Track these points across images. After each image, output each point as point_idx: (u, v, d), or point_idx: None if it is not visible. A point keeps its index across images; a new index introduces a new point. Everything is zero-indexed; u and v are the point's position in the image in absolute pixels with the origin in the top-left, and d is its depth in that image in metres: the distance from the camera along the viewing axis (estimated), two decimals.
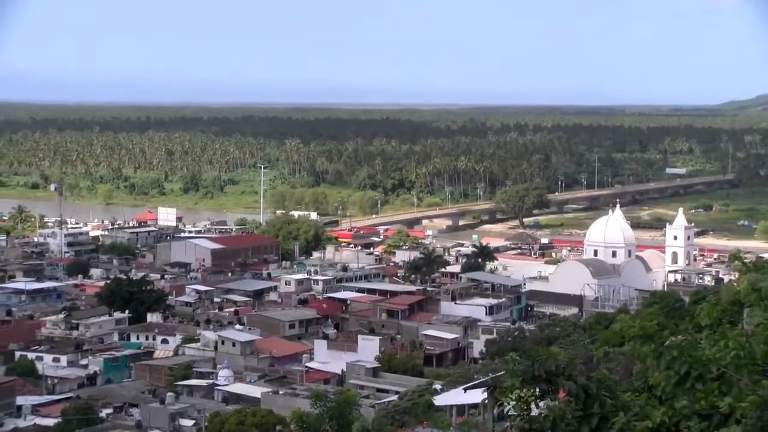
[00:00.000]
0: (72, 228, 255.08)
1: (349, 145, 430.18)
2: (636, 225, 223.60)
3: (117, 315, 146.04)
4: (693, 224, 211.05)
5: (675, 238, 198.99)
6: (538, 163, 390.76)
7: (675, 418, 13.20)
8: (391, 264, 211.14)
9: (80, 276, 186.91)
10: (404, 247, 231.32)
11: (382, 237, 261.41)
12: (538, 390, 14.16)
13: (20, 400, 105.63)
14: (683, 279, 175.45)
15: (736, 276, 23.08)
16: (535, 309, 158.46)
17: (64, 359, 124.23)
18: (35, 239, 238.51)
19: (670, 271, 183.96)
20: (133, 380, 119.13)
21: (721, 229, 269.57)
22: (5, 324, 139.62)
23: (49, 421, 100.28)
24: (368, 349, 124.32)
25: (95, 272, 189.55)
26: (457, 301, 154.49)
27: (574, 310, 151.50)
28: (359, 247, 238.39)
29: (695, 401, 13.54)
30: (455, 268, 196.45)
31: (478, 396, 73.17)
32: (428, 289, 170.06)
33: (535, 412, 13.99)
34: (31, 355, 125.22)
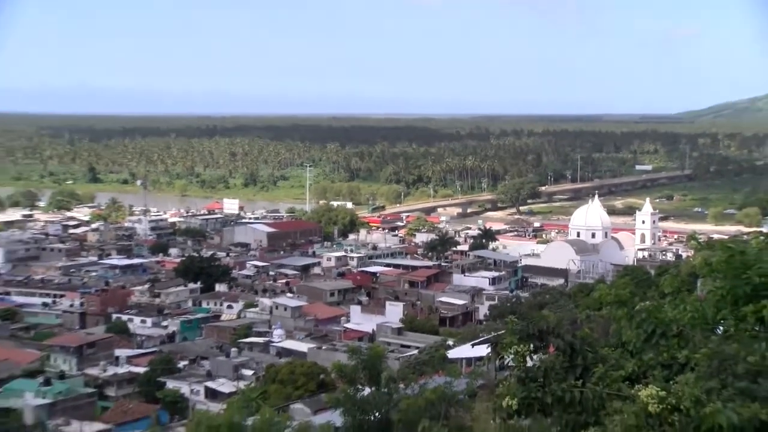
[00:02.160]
0: (154, 215, 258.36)
1: (377, 147, 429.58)
2: (611, 212, 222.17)
3: (191, 285, 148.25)
4: (657, 211, 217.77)
5: (643, 222, 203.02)
6: (531, 162, 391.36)
7: (643, 368, 13.34)
8: (412, 244, 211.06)
9: (161, 254, 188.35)
10: (423, 230, 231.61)
11: (404, 222, 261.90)
12: (532, 346, 14.23)
13: (117, 352, 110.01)
14: (649, 256, 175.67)
15: (692, 253, 23.27)
16: (528, 280, 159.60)
17: (149, 321, 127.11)
18: (125, 225, 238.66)
19: (639, 249, 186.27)
20: (204, 338, 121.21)
21: (680, 215, 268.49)
22: (104, 292, 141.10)
23: (140, 369, 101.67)
24: (394, 312, 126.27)
25: (173, 251, 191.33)
26: (466, 274, 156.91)
27: (561, 281, 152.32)
28: (386, 231, 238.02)
29: (659, 354, 13.67)
30: (464, 247, 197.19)
31: (483, 350, 73.18)
32: (442, 264, 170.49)
33: (529, 363, 14.07)
34: (123, 318, 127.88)
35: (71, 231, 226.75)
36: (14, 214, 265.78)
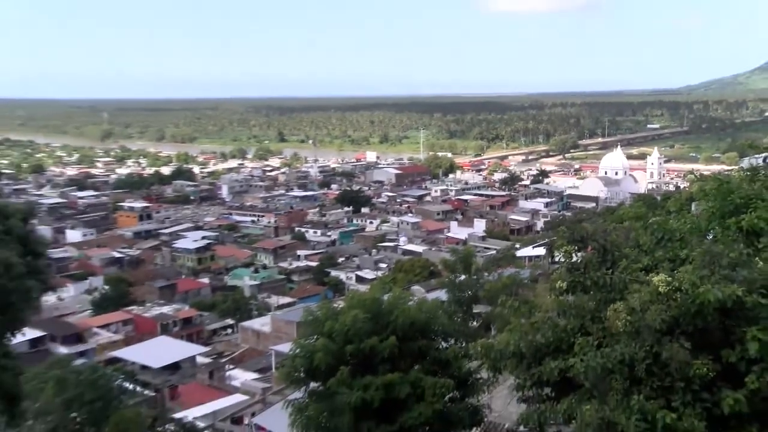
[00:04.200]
0: (321, 163, 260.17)
1: (467, 116, 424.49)
2: (629, 157, 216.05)
3: (345, 209, 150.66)
4: (662, 156, 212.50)
5: (652, 164, 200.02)
6: (572, 124, 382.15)
7: (654, 262, 13.09)
8: (492, 180, 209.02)
9: (326, 188, 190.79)
10: (498, 171, 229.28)
11: (486, 165, 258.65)
12: (576, 246, 14.00)
13: (299, 252, 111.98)
14: (656, 187, 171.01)
15: (689, 184, 22.54)
16: (570, 204, 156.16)
17: (319, 232, 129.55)
18: (302, 169, 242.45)
19: (648, 183, 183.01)
20: (354, 243, 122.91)
21: (679, 158, 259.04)
22: (289, 213, 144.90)
23: (313, 263, 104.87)
24: (479, 225, 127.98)
25: (334, 186, 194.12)
26: (528, 200, 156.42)
27: (593, 205, 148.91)
28: (474, 171, 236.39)
29: (666, 252, 13.38)
30: (526, 182, 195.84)
31: (540, 251, 72.33)
32: (512, 194, 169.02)
33: (574, 258, 13.86)
34: (302, 230, 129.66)
35: (268, 174, 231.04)
36: (232, 163, 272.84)
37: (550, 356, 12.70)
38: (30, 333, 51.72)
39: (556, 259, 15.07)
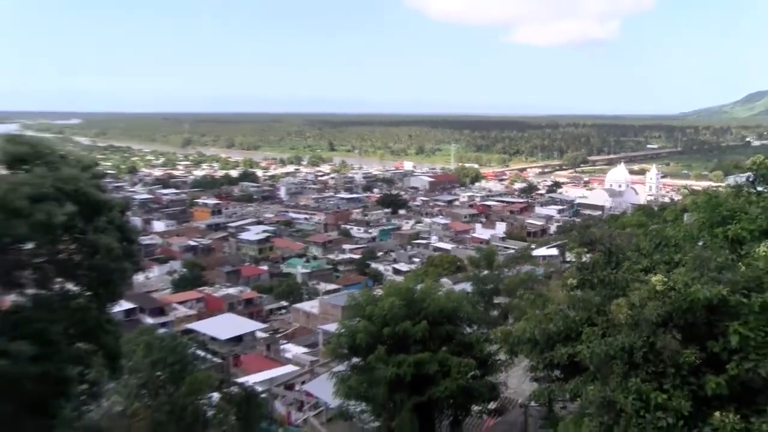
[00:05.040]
0: (365, 170, 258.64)
1: (491, 132, 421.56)
2: (631, 172, 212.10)
3: (385, 210, 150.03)
4: (659, 172, 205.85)
5: (650, 179, 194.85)
6: (583, 142, 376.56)
7: (653, 264, 13.02)
8: (512, 189, 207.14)
9: (368, 192, 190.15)
10: (518, 181, 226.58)
11: (507, 176, 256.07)
12: (585, 249, 14.00)
13: (344, 246, 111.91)
14: (654, 199, 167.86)
15: (682, 198, 22.39)
16: (580, 211, 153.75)
17: (362, 229, 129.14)
18: (348, 175, 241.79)
19: (647, 195, 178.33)
20: (392, 240, 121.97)
21: (674, 175, 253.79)
22: (336, 213, 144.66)
23: (356, 256, 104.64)
24: (500, 228, 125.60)
25: (375, 190, 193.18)
26: (543, 207, 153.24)
27: (599, 213, 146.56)
28: (497, 181, 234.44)
29: (663, 256, 13.33)
30: (542, 191, 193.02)
31: (553, 251, 71.59)
32: (529, 201, 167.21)
33: (583, 259, 13.85)
34: (347, 227, 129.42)
35: (319, 178, 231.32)
36: (290, 168, 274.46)
37: (561, 343, 12.77)
38: (124, 305, 53.60)
39: (567, 259, 15.13)
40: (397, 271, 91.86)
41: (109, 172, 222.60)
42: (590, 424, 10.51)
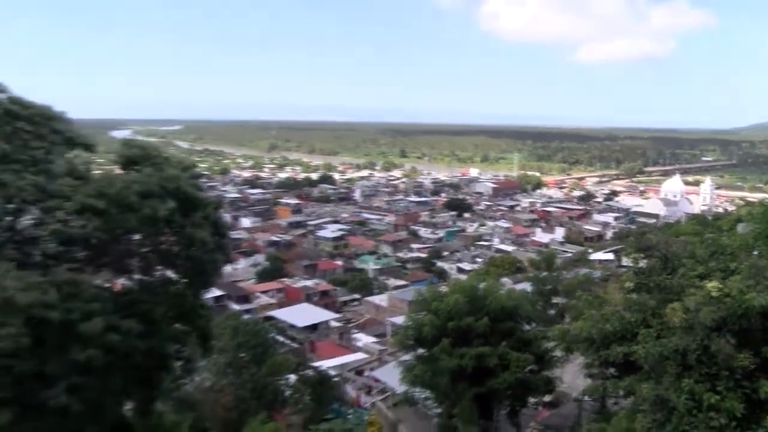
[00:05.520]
0: (433, 176, 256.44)
1: (552, 143, 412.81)
2: (686, 183, 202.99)
3: (451, 213, 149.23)
4: (714, 184, 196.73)
5: (705, 190, 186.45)
6: (640, 154, 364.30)
7: (708, 272, 12.54)
8: (571, 196, 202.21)
9: (436, 196, 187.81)
10: (576, 190, 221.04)
11: (567, 184, 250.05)
12: (641, 254, 13.61)
13: (413, 245, 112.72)
14: (708, 209, 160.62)
15: (736, 208, 21.43)
16: (635, 219, 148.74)
17: (429, 230, 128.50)
18: (418, 180, 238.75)
19: (701, 205, 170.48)
20: (457, 241, 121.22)
21: (728, 187, 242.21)
22: (406, 215, 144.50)
23: (423, 255, 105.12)
24: (559, 232, 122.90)
25: (442, 194, 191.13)
26: (600, 214, 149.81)
27: (654, 220, 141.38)
28: (557, 189, 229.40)
29: (718, 264, 12.79)
30: (599, 199, 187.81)
31: (609, 256, 69.54)
32: (587, 208, 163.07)
33: (640, 264, 13.48)
34: (416, 228, 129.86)
35: (391, 182, 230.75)
36: (364, 173, 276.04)
37: (616, 342, 12.49)
38: (215, 292, 55.17)
39: (623, 263, 14.72)
40: (460, 270, 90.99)
41: (204, 173, 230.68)
42: (643, 420, 10.26)
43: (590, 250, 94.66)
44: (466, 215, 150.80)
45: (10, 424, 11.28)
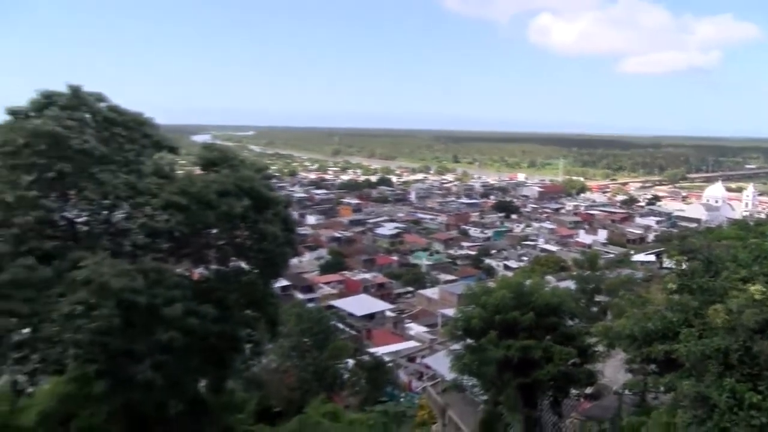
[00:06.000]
0: (483, 180, 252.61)
1: (597, 150, 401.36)
2: (728, 189, 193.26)
3: (499, 214, 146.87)
4: (756, 190, 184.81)
5: (747, 196, 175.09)
6: (683, 161, 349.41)
7: (751, 275, 11.91)
8: (614, 200, 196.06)
9: (484, 198, 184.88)
10: (619, 194, 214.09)
11: (610, 189, 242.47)
12: (684, 256, 13.04)
13: (463, 243, 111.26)
14: (750, 215, 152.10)
15: None
16: (677, 223, 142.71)
17: (478, 230, 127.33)
18: (469, 183, 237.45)
19: (743, 211, 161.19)
20: (504, 240, 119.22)
21: None
22: (457, 215, 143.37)
23: (472, 252, 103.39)
24: (602, 234, 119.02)
25: (491, 197, 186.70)
26: (642, 218, 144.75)
27: (695, 225, 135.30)
28: (600, 193, 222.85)
29: (762, 268, 12.13)
30: (642, 204, 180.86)
31: (651, 258, 67.03)
32: (630, 212, 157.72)
33: (683, 266, 12.92)
34: (466, 228, 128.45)
35: (444, 185, 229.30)
36: (419, 176, 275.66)
37: (658, 340, 12.03)
38: (282, 282, 56.17)
39: (665, 265, 14.14)
40: (507, 267, 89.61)
41: (274, 174, 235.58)
42: (684, 416, 9.82)
43: (632, 252, 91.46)
44: (513, 217, 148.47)
45: (105, 393, 11.81)
